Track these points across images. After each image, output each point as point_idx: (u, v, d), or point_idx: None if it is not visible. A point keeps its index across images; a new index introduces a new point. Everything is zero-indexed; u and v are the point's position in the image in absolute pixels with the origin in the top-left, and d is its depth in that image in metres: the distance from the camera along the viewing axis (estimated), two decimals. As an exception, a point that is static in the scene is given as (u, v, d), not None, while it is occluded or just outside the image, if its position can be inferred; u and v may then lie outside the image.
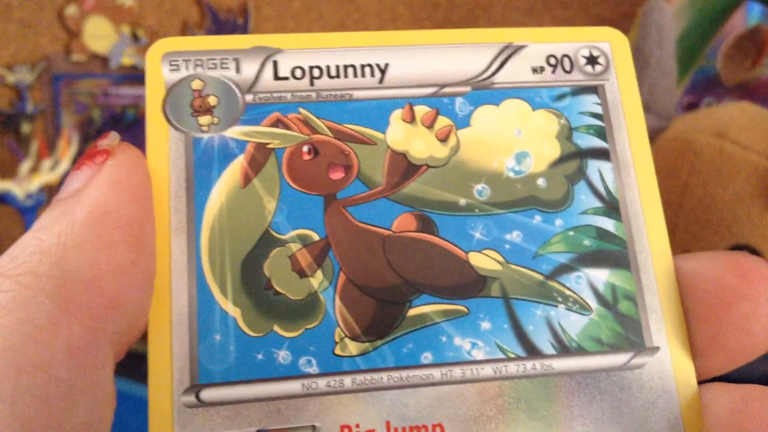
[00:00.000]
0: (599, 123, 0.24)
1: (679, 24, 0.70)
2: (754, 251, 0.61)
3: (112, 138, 0.22)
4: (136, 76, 0.95)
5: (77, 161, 0.22)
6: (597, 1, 1.00)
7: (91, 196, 0.21)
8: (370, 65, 0.24)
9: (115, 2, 0.93)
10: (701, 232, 0.63)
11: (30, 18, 0.92)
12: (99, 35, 0.93)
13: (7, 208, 0.86)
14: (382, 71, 0.24)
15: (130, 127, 0.94)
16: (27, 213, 0.86)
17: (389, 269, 0.22)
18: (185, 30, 0.94)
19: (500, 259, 0.23)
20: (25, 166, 0.87)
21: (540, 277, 0.23)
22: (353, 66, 0.24)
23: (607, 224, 0.23)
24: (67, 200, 0.21)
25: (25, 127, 0.92)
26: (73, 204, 0.20)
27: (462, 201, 0.23)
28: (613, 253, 0.23)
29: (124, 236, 0.20)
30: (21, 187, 0.85)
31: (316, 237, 0.22)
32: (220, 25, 0.93)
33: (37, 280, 0.19)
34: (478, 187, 0.23)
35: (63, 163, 0.88)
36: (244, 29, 0.94)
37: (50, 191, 0.90)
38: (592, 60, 0.25)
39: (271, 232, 0.22)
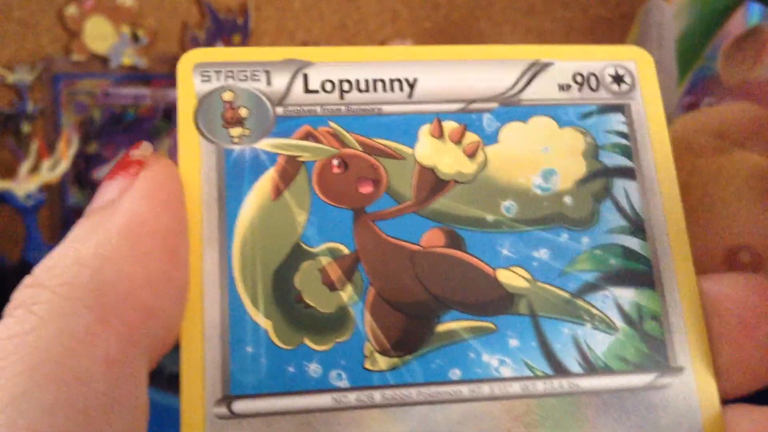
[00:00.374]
0: (625, 142, 0.24)
1: (679, 24, 0.71)
2: (754, 251, 0.62)
3: (144, 148, 0.22)
4: (136, 76, 0.95)
5: (110, 171, 0.22)
6: (597, 2, 1.00)
7: (127, 207, 0.20)
8: (399, 80, 0.24)
9: (115, 2, 0.93)
10: (701, 232, 0.63)
11: (30, 18, 0.91)
12: (99, 35, 0.93)
13: (7, 208, 0.86)
14: (411, 86, 0.24)
15: (130, 127, 0.94)
16: (27, 213, 0.86)
17: (418, 284, 0.22)
18: (185, 30, 0.94)
19: (528, 276, 0.23)
20: (25, 166, 0.86)
21: (567, 295, 0.23)
22: (382, 80, 0.24)
23: (633, 243, 0.24)
24: (101, 211, 0.21)
25: (25, 127, 0.91)
26: (108, 215, 0.20)
27: (490, 217, 0.23)
28: (639, 272, 0.23)
29: (159, 247, 0.20)
30: (21, 187, 0.85)
31: (345, 251, 0.22)
32: (220, 25, 0.93)
33: (75, 291, 0.19)
34: (506, 203, 0.23)
35: (63, 163, 0.88)
36: (244, 29, 0.94)
37: (50, 191, 0.90)
38: (618, 78, 0.25)
39: (302, 244, 0.22)
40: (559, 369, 0.22)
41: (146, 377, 0.20)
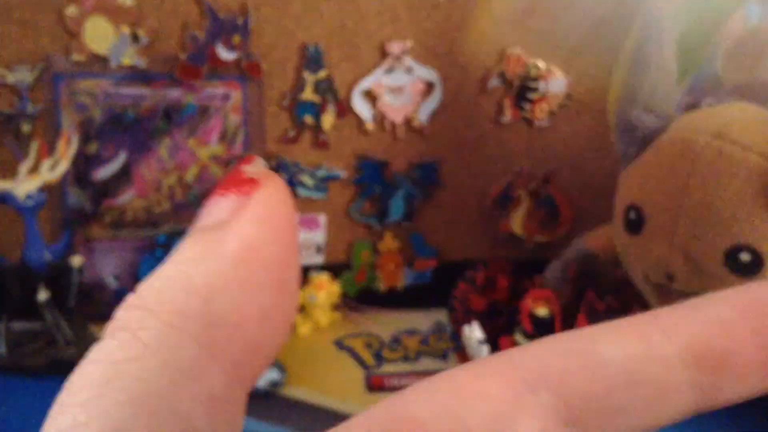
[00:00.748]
0: None
1: (679, 24, 0.71)
2: (754, 251, 0.62)
3: (258, 164, 0.21)
4: (136, 76, 0.94)
5: (221, 186, 0.20)
6: (597, 2, 1.00)
7: (240, 232, 0.19)
8: None
9: (115, 2, 0.92)
10: (701, 232, 0.64)
11: (30, 18, 0.91)
12: (99, 35, 0.92)
13: (7, 208, 0.86)
14: None
15: (130, 127, 0.93)
16: (27, 213, 0.85)
17: None
18: (185, 30, 0.94)
19: None
20: (25, 166, 0.86)
21: None
22: None
23: None
24: (212, 233, 0.19)
25: (25, 127, 0.91)
26: (220, 239, 0.19)
27: None
28: None
29: (269, 278, 0.19)
30: (21, 187, 0.84)
31: None
32: (220, 25, 0.92)
33: (183, 321, 0.18)
34: None
35: (63, 163, 0.88)
36: (244, 29, 0.94)
37: (50, 191, 0.89)
38: None
39: None
40: None
41: (244, 411, 0.19)
